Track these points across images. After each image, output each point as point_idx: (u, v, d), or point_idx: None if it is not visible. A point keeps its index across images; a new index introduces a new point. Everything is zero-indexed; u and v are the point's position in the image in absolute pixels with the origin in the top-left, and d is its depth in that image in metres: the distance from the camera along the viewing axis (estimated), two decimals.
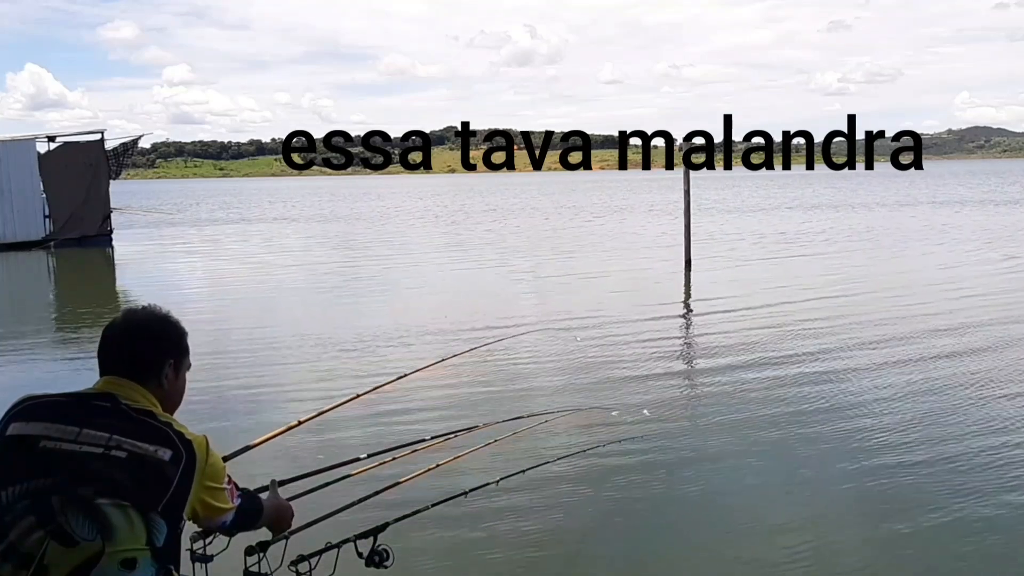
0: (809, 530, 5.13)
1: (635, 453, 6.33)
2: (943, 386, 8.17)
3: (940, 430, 6.84)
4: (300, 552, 2.64)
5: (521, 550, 4.92)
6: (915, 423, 7.02)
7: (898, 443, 6.53)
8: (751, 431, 6.95)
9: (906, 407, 7.49)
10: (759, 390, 8.21)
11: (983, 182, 74.61)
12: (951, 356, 9.43)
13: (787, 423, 7.12)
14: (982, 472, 5.90)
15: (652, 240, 26.08)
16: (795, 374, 8.79)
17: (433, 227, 35.55)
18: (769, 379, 8.61)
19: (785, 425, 7.07)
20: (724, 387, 8.39)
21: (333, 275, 19.27)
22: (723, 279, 16.72)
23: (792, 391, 8.12)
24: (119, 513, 1.87)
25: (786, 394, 8.03)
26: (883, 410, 7.42)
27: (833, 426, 7.00)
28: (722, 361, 9.56)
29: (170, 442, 1.98)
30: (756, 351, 9.91)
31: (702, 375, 9.20)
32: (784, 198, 51.94)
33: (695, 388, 8.70)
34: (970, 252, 20.71)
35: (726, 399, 7.94)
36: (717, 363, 9.51)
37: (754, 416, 7.34)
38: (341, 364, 9.81)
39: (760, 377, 8.71)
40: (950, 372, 8.68)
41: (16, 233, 26.53)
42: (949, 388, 8.09)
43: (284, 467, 4.57)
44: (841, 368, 8.96)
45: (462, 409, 7.58)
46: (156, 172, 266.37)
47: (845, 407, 7.52)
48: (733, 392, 8.17)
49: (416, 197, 74.11)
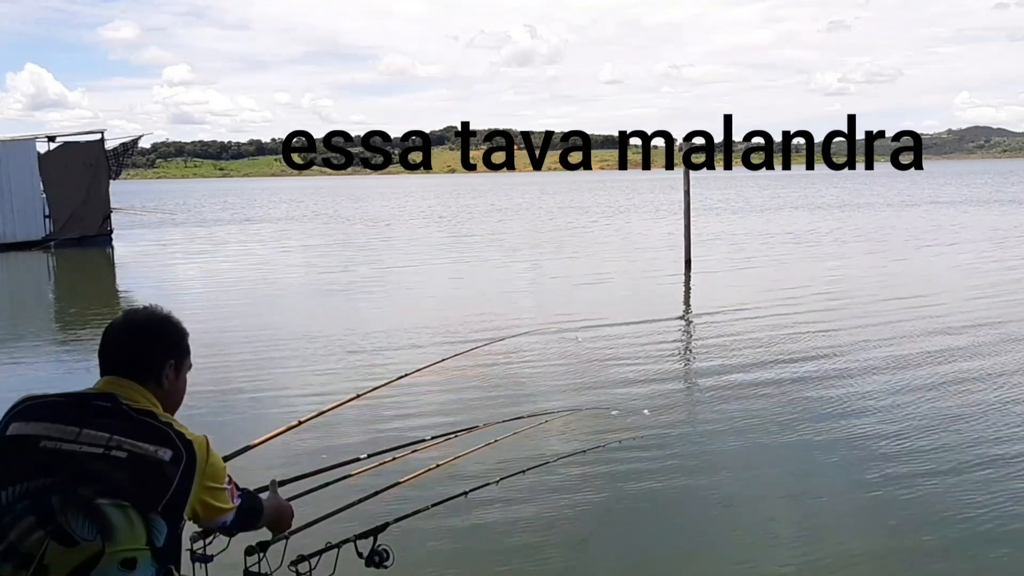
0: (809, 531, 5.14)
1: (635, 453, 6.32)
2: (955, 390, 8.08)
3: (950, 436, 6.73)
4: (300, 552, 2.64)
5: (521, 550, 4.92)
6: (925, 427, 6.94)
7: (905, 448, 6.49)
8: (752, 432, 6.94)
9: (917, 411, 7.40)
10: (761, 391, 8.20)
11: (987, 182, 74.50)
12: (966, 358, 9.35)
13: (789, 425, 7.11)
14: (1000, 482, 5.78)
15: (658, 240, 26.08)
16: (798, 375, 8.78)
17: (436, 227, 35.54)
18: (772, 380, 8.60)
19: (787, 426, 7.06)
20: (725, 387, 8.38)
21: (334, 275, 19.26)
22: (727, 279, 16.74)
23: (795, 392, 8.11)
24: (119, 513, 1.87)
25: (789, 396, 8.01)
26: (890, 413, 7.36)
27: (837, 429, 6.97)
28: (723, 362, 9.56)
29: (170, 442, 1.98)
30: (758, 351, 9.91)
31: (703, 375, 9.19)
32: (788, 197, 51.94)
33: (695, 388, 8.70)
34: (985, 253, 20.64)
35: (727, 400, 7.93)
36: (718, 363, 9.51)
37: (755, 417, 7.33)
38: (341, 364, 9.81)
39: (762, 378, 8.70)
40: (965, 375, 8.59)
41: (16, 233, 26.53)
42: (963, 392, 7.97)
43: (284, 467, 4.57)
44: (847, 370, 8.95)
45: (462, 409, 7.58)
46: (156, 172, 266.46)
47: (850, 410, 7.48)
48: (734, 393, 8.16)
49: (419, 197, 74.11)
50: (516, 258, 22.40)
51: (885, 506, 5.40)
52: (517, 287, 17.10)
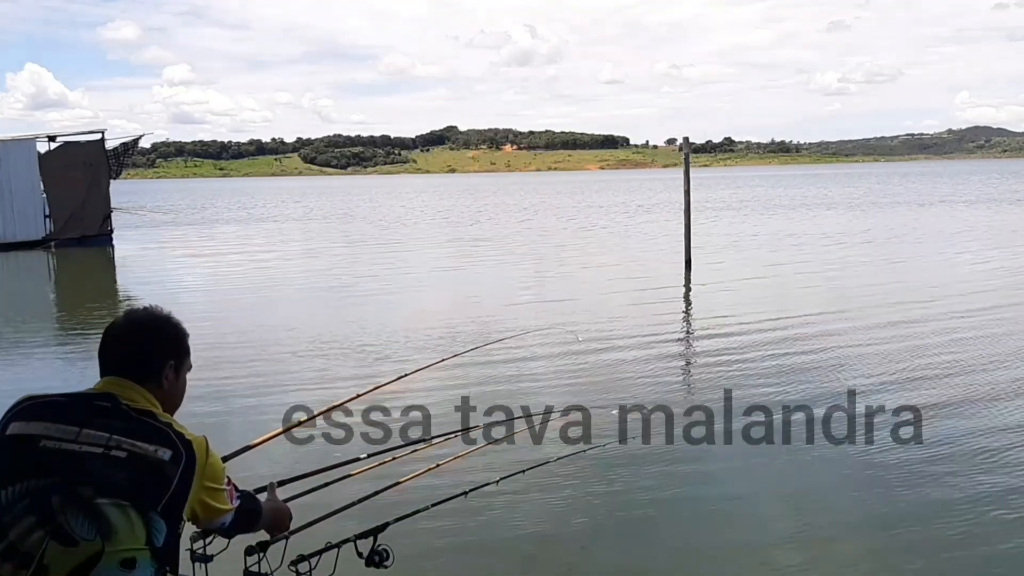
0: (809, 531, 5.14)
1: (635, 453, 6.32)
2: (956, 390, 8.09)
3: (958, 440, 6.70)
4: (300, 552, 2.64)
5: (521, 550, 4.92)
6: (929, 426, 6.89)
7: (905, 447, 6.48)
8: (753, 432, 6.94)
9: (920, 409, 7.30)
10: (762, 391, 8.19)
11: (1002, 181, 73.93)
12: (970, 354, 9.33)
13: (790, 424, 7.10)
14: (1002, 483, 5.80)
15: (662, 239, 26.09)
16: (800, 375, 8.77)
17: (437, 228, 35.52)
18: (773, 380, 8.59)
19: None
20: (726, 387, 8.37)
21: (334, 275, 19.27)
22: (731, 280, 16.70)
23: (796, 392, 8.10)
24: (119, 513, 1.87)
25: (790, 395, 8.00)
26: (895, 415, 7.31)
27: (838, 429, 6.95)
28: (724, 361, 9.55)
29: (170, 442, 1.98)
30: (759, 351, 9.90)
31: (703, 375, 9.19)
32: (800, 197, 51.92)
33: (696, 388, 8.69)
34: (983, 251, 20.59)
35: (728, 399, 7.92)
36: (719, 363, 9.50)
37: (757, 418, 7.32)
38: (341, 364, 9.81)
39: (763, 378, 8.69)
40: (969, 370, 8.60)
41: (16, 233, 26.54)
42: (973, 395, 7.91)
43: (284, 467, 4.57)
44: (848, 370, 8.94)
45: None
46: (156, 172, 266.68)
47: (853, 410, 7.43)
48: (735, 392, 8.15)
49: (416, 197, 74.06)
50: (517, 258, 22.39)
51: (886, 507, 5.40)
52: (518, 287, 17.08)
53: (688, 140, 19.76)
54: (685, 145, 20.03)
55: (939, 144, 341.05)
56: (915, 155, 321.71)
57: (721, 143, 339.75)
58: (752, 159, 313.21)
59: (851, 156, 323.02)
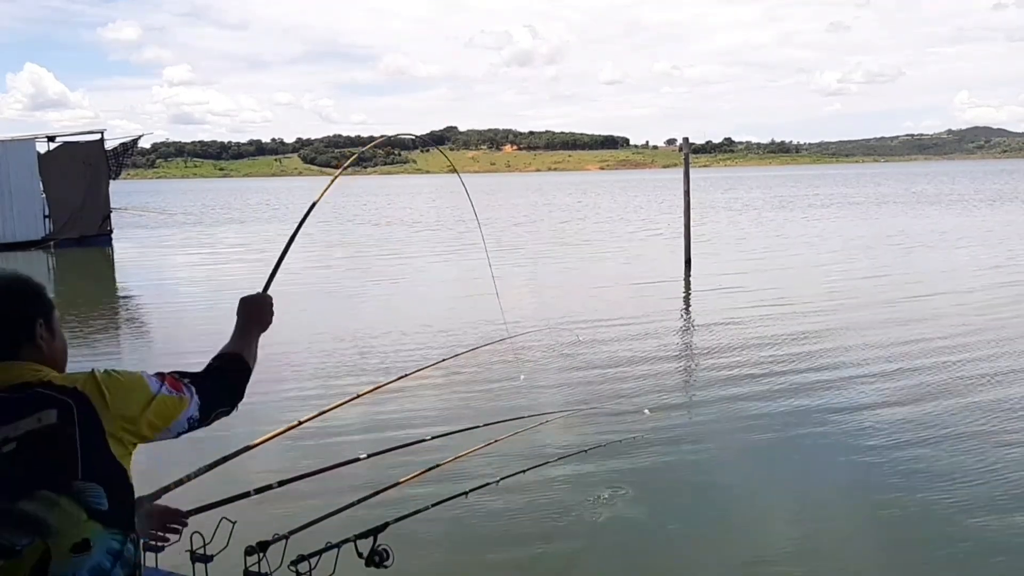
0: (810, 530, 5.14)
1: (635, 453, 6.33)
2: (958, 391, 8.07)
3: (954, 437, 6.71)
4: (300, 552, 2.63)
5: (521, 550, 4.92)
6: (930, 429, 6.91)
7: (905, 449, 6.48)
8: (753, 431, 6.94)
9: (924, 416, 7.30)
10: (762, 390, 8.19)
11: (1010, 180, 73.72)
12: (974, 359, 9.30)
13: (791, 424, 7.11)
14: (1003, 484, 5.78)
15: (662, 240, 26.08)
16: (800, 375, 8.77)
17: (437, 228, 35.52)
18: (773, 379, 8.59)
19: (788, 426, 7.06)
20: (726, 387, 8.37)
21: (333, 275, 19.26)
22: (731, 280, 16.70)
23: (797, 392, 8.10)
24: (42, 506, 1.70)
25: (790, 395, 8.00)
26: (896, 413, 7.34)
27: (839, 429, 6.96)
28: (724, 361, 9.55)
29: (49, 400, 1.74)
30: (760, 352, 9.90)
31: (703, 375, 9.19)
32: (800, 197, 51.91)
33: (696, 388, 8.69)
34: (976, 250, 20.63)
35: (728, 399, 7.93)
36: (719, 363, 9.50)
37: (757, 417, 7.33)
38: (341, 364, 9.81)
39: (763, 377, 8.69)
40: (970, 374, 8.58)
41: (16, 233, 26.53)
42: (975, 397, 7.90)
43: (284, 467, 4.57)
44: (849, 369, 8.94)
45: (462, 409, 7.58)
46: (156, 172, 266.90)
47: (853, 410, 7.45)
48: (735, 392, 8.16)
49: (418, 197, 74.04)
50: (517, 258, 22.38)
51: (886, 506, 5.40)
52: (518, 287, 17.07)
53: (688, 140, 19.78)
54: (685, 145, 20.06)
55: (939, 144, 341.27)
56: (915, 155, 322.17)
57: (721, 143, 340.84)
58: (752, 159, 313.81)
59: (851, 156, 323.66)
